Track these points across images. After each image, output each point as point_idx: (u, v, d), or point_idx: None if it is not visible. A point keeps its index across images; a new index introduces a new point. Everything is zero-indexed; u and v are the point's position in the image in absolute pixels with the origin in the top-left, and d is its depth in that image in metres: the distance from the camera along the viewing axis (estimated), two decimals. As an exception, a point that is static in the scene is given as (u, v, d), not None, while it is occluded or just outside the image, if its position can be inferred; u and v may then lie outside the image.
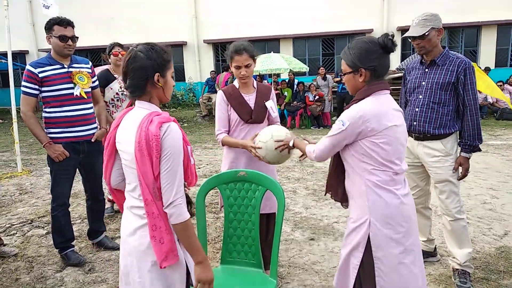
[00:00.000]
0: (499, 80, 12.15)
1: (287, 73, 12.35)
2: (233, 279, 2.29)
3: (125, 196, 1.76)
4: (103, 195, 3.67)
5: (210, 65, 16.32)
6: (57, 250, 3.43)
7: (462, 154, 2.82)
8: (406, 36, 2.79)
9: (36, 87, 3.11)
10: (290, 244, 3.64)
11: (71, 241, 3.42)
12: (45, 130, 3.19)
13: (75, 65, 3.27)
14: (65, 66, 3.21)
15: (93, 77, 3.42)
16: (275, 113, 2.85)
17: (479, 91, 3.62)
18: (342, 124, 1.84)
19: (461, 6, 13.97)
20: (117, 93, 4.09)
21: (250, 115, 2.76)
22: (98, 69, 4.14)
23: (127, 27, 15.64)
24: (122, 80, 4.02)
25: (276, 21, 15.35)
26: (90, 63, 3.46)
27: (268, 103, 2.81)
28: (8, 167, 7.23)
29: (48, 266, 3.35)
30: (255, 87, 2.85)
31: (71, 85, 3.19)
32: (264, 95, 2.83)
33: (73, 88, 3.19)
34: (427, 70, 2.87)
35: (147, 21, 15.82)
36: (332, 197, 2.15)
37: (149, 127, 1.53)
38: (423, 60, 2.91)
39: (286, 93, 12.27)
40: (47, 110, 3.18)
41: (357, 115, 1.82)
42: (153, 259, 1.60)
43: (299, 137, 2.40)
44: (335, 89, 12.24)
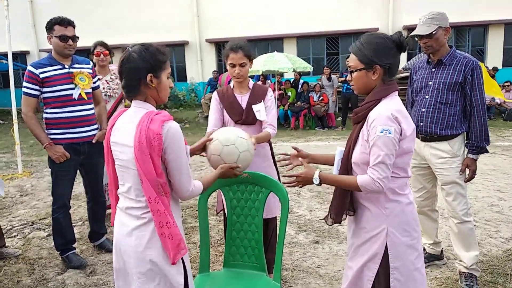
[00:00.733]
0: (506, 80, 12.03)
1: (292, 73, 12.26)
2: (236, 282, 2.26)
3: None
4: (104, 197, 3.64)
5: (212, 65, 16.27)
6: (58, 253, 3.40)
7: (469, 156, 2.77)
8: (413, 34, 2.74)
9: (37, 87, 3.08)
10: (294, 247, 3.60)
11: (72, 243, 3.39)
12: (45, 131, 3.16)
13: (76, 66, 3.24)
14: (66, 66, 3.18)
15: (94, 77, 3.39)
16: (262, 117, 2.72)
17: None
18: (388, 133, 1.65)
19: (467, 5, 13.84)
20: None
21: (240, 116, 2.73)
22: None
23: (128, 27, 15.59)
24: (107, 81, 4.04)
25: (279, 20, 15.25)
26: (91, 63, 3.44)
27: (256, 106, 2.72)
28: (9, 169, 7.21)
29: (49, 269, 3.33)
30: (250, 88, 2.81)
31: (72, 85, 3.16)
32: (258, 96, 2.77)
33: (73, 89, 3.16)
34: (434, 69, 2.82)
35: (149, 20, 15.77)
36: (334, 220, 1.95)
37: (150, 126, 1.56)
38: (430, 59, 2.86)
39: (290, 93, 12.21)
40: (47, 111, 3.16)
41: (392, 117, 1.67)
42: (151, 258, 1.62)
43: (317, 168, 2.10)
44: (339, 89, 12.14)
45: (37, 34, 16.85)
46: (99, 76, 4.02)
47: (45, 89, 3.10)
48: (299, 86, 12.19)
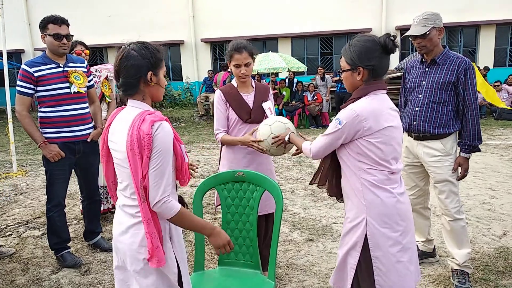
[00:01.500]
0: (497, 80, 12.15)
1: (286, 72, 12.31)
2: (230, 280, 2.27)
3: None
4: (99, 196, 3.64)
5: (208, 64, 16.27)
6: (53, 252, 3.39)
7: (461, 154, 2.80)
8: (407, 35, 2.77)
9: (31, 86, 3.07)
10: (289, 245, 3.62)
11: (67, 242, 3.39)
12: (40, 130, 3.15)
13: (71, 64, 3.24)
14: (61, 65, 3.17)
15: (88, 76, 3.39)
16: (272, 114, 2.81)
17: (478, 91, 3.60)
18: (338, 123, 1.85)
19: (459, 5, 14.00)
20: None
21: (249, 114, 2.73)
22: None
23: (124, 26, 15.56)
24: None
25: (274, 20, 15.31)
26: (86, 62, 3.44)
27: (265, 104, 2.78)
28: (4, 168, 7.18)
29: (43, 268, 3.32)
30: (254, 86, 2.82)
31: (67, 84, 3.16)
32: (263, 94, 2.81)
33: (68, 88, 3.16)
34: (427, 69, 2.85)
35: (144, 20, 15.75)
36: (327, 192, 2.16)
37: (141, 126, 1.54)
38: (424, 59, 2.89)
39: (284, 92, 12.25)
40: (42, 109, 3.15)
41: (354, 114, 1.82)
42: (145, 257, 1.62)
43: (295, 133, 2.39)
44: (333, 88, 12.22)
45: (32, 33, 16.75)
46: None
47: (39, 88, 3.09)
48: (294, 86, 12.24)
